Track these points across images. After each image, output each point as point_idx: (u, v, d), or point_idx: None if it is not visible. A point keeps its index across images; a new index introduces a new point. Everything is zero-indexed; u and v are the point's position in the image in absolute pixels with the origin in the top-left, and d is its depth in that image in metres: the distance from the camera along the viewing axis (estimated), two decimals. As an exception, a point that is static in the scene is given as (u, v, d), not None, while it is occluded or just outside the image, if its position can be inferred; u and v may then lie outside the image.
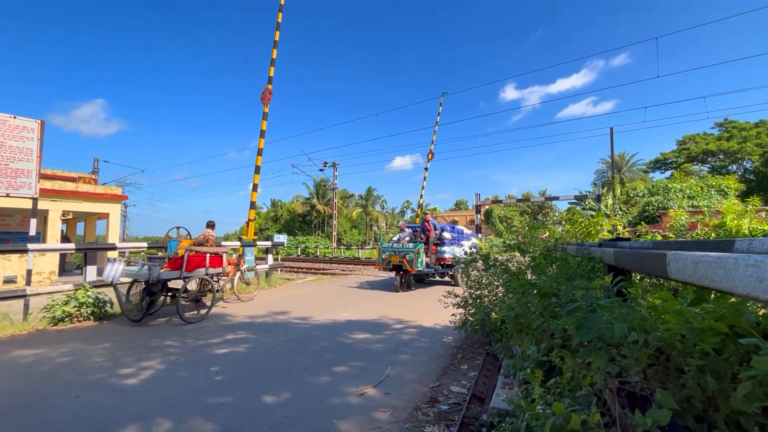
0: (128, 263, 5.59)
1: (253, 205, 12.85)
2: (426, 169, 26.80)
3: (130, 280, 5.60)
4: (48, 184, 13.92)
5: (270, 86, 13.12)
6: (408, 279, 9.19)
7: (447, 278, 10.86)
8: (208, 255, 6.09)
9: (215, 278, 6.36)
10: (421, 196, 27.89)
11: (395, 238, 10.12)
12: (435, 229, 9.91)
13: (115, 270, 5.41)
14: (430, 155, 26.45)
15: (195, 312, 6.02)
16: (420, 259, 8.68)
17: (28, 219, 6.27)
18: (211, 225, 7.03)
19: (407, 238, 9.85)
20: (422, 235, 9.81)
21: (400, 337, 4.84)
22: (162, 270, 5.43)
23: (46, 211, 13.85)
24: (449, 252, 10.02)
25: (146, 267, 5.30)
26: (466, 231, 11.69)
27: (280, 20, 13.70)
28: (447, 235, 10.29)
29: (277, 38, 13.50)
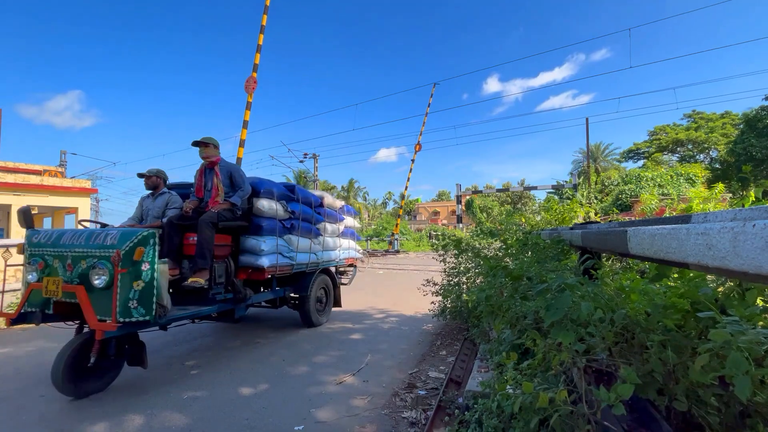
0: None
1: (230, 198, 12.49)
2: (413, 160, 26.52)
3: None
4: (10, 178, 13.24)
5: (255, 74, 12.65)
6: (111, 345, 2.78)
7: (288, 306, 4.81)
8: None
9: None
10: (406, 188, 27.87)
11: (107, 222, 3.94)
12: (239, 187, 3.73)
13: None
14: (417, 147, 25.95)
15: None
16: (151, 281, 2.61)
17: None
18: None
19: (162, 212, 3.79)
20: (199, 204, 3.72)
21: (380, 325, 4.85)
22: None
23: (9, 206, 13.18)
24: (287, 253, 4.17)
25: None
26: (337, 203, 5.49)
27: (268, 3, 13.11)
28: (265, 204, 3.91)
29: (264, 23, 12.98)
